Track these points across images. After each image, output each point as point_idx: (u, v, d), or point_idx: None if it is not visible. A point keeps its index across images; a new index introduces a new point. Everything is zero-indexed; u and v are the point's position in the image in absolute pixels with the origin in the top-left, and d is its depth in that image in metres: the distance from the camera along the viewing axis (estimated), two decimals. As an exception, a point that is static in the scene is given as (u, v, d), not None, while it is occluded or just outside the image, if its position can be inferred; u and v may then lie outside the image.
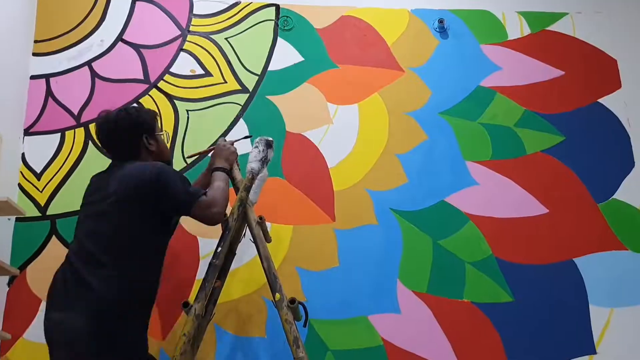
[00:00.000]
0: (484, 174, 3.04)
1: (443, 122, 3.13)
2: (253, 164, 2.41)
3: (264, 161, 2.43)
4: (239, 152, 2.63)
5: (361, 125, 3.11)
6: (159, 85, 3.11)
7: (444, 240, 2.92)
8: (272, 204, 2.92)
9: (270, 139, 2.48)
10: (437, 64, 3.23)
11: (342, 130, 3.10)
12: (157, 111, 2.82)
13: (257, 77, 3.16)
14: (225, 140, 2.61)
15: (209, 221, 2.22)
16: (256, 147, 2.45)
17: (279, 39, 3.24)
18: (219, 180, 2.31)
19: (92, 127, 2.86)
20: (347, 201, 2.97)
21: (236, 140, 2.65)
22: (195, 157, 2.88)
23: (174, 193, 2.15)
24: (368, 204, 2.97)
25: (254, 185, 2.44)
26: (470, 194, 3.00)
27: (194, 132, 3.04)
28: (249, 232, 2.46)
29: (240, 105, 3.11)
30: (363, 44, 3.26)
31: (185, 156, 2.94)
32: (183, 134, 3.03)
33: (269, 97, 3.13)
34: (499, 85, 3.20)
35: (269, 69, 3.19)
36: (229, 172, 2.42)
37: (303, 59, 3.21)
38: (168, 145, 2.70)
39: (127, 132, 2.27)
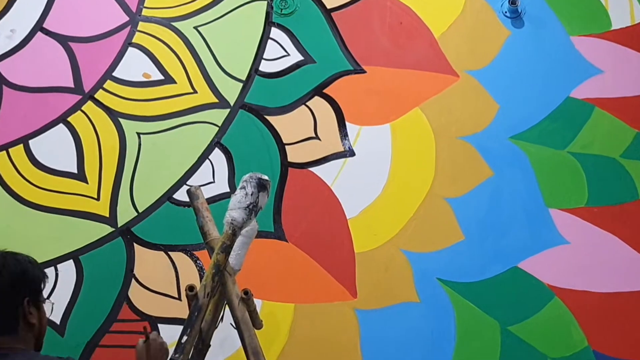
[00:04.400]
0: (576, 228, 3.39)
1: (516, 150, 3.51)
2: (235, 213, 2.56)
3: (252, 209, 2.58)
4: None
5: (395, 155, 3.52)
6: (96, 96, 3.57)
7: (517, 326, 3.26)
8: (265, 272, 3.30)
9: (265, 177, 2.65)
10: (507, 66, 3.64)
11: (367, 164, 3.51)
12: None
13: (241, 85, 3.62)
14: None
15: None
16: (242, 188, 2.60)
17: (274, 29, 3.71)
18: None
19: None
20: (374, 268, 3.34)
21: None
22: None
23: None
24: (405, 271, 3.34)
25: (236, 243, 2.61)
26: (556, 258, 3.34)
27: (149, 166, 3.49)
28: (229, 312, 2.66)
29: (217, 126, 3.55)
30: (398, 35, 3.70)
31: None
32: (132, 170, 3.49)
33: (259, 114, 3.58)
34: (599, 97, 3.58)
35: (260, 73, 3.65)
36: None
37: (309, 57, 3.68)
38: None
39: (11, 289, 2.35)
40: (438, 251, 3.39)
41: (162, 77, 3.64)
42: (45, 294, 3.29)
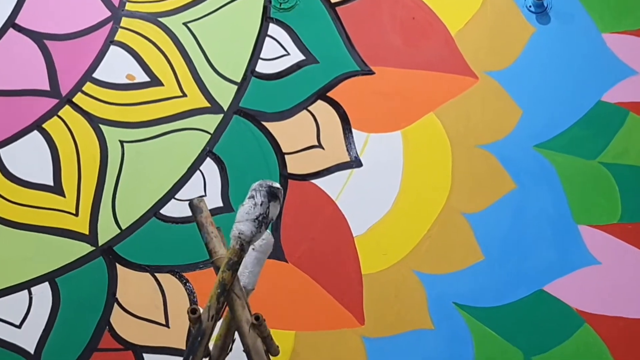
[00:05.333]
0: (608, 247, 3.42)
1: (541, 160, 3.55)
2: (242, 225, 2.54)
3: (262, 221, 2.56)
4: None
5: (407, 166, 3.56)
6: (74, 100, 3.62)
7: (543, 356, 3.31)
8: (261, 295, 3.33)
9: (277, 185, 2.61)
10: (532, 66, 3.67)
11: (375, 175, 3.55)
12: None
13: (236, 88, 3.67)
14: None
15: None
16: (251, 197, 2.58)
17: (272, 26, 3.75)
18: None
19: None
20: (383, 291, 3.39)
21: None
22: None
23: None
24: (418, 295, 3.39)
25: (248, 260, 2.65)
26: (585, 280, 3.38)
27: (133, 177, 3.55)
28: (239, 340, 2.62)
29: (208, 133, 3.60)
30: (411, 32, 3.73)
31: None
32: (114, 182, 3.54)
33: (255, 120, 3.64)
34: (634, 101, 3.61)
35: (256, 74, 3.70)
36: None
37: (311, 57, 3.72)
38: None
39: None
40: (455, 273, 3.44)
41: (147, 79, 3.69)
42: (18, 319, 3.36)
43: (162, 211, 3.51)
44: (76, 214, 3.48)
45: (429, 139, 3.63)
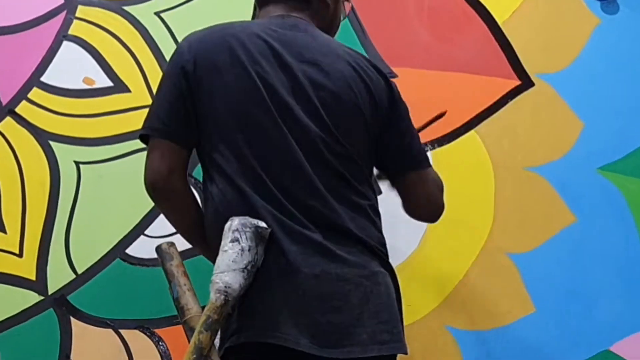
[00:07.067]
0: None
1: (608, 186, 3.57)
2: (228, 277, 2.53)
3: (251, 271, 2.57)
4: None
5: None
6: (17, 110, 3.62)
7: None
8: None
9: (263, 225, 2.62)
10: (595, 67, 3.68)
11: (398, 205, 3.43)
12: None
13: None
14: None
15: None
16: (235, 241, 2.59)
17: None
18: None
19: None
20: (416, 348, 3.39)
21: None
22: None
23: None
24: (452, 356, 3.42)
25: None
26: None
27: (92, 208, 3.55)
28: None
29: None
30: (443, 25, 3.74)
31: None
32: (69, 213, 3.54)
33: None
34: None
35: (248, 77, 3.72)
36: None
37: (317, 55, 3.75)
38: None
39: None
40: (498, 328, 3.46)
41: (110, 84, 3.68)
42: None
43: (128, 251, 3.51)
44: (20, 255, 3.47)
45: (466, 160, 3.65)
